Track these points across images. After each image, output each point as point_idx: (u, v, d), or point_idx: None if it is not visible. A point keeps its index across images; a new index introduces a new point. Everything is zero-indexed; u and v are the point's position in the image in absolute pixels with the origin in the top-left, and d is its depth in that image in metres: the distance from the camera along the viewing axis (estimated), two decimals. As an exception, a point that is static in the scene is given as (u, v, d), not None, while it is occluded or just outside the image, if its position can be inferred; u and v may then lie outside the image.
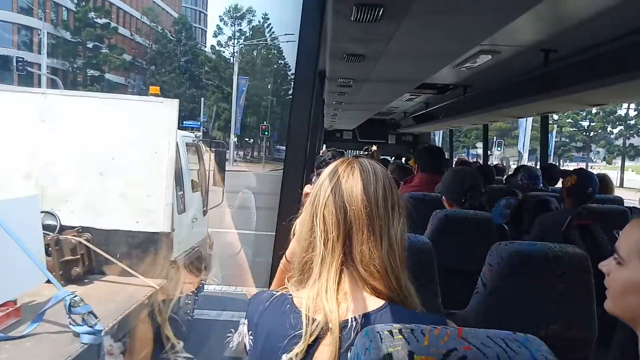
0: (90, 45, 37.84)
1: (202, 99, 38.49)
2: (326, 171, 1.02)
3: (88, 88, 35.27)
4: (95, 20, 37.81)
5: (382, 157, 7.98)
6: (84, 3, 37.97)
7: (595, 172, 3.52)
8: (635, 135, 38.99)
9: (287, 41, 39.32)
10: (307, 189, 1.83)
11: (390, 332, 0.69)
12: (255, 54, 44.64)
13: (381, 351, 0.66)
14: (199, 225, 5.97)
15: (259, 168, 33.38)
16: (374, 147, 8.32)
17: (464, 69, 3.81)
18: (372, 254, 0.93)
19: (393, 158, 8.81)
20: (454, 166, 6.08)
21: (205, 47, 48.85)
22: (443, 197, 2.49)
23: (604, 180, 3.69)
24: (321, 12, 1.55)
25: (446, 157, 6.15)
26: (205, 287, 6.43)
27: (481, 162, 7.39)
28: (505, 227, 2.50)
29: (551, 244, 1.46)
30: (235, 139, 37.29)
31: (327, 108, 6.21)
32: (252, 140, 46.78)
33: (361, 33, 2.33)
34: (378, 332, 0.69)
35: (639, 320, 0.92)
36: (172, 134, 4.72)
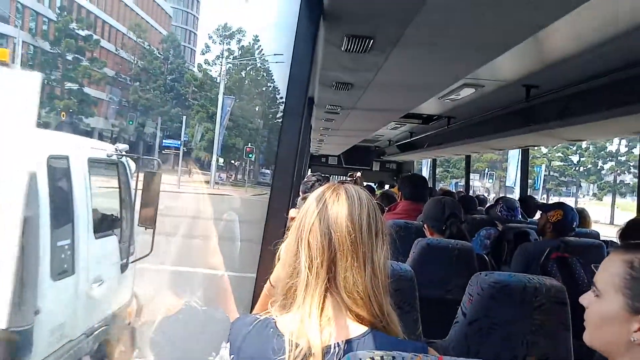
0: (69, 57, 36.03)
1: (185, 117, 37.20)
2: (312, 196, 1.03)
3: (64, 102, 34.48)
4: (77, 31, 36.16)
5: (365, 183, 8.04)
6: (65, 13, 36.12)
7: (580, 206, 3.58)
8: (626, 172, 38.51)
9: (277, 62, 38.90)
10: (292, 212, 1.84)
11: (372, 358, 0.70)
12: (243, 74, 43.69)
13: None
14: (110, 290, 3.76)
15: (241, 192, 32.60)
16: (358, 174, 8.39)
17: (448, 100, 3.90)
18: (356, 280, 0.94)
19: (377, 184, 8.89)
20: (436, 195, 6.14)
21: (194, 66, 47.89)
22: (424, 225, 2.52)
23: (582, 214, 3.77)
24: (313, 41, 1.60)
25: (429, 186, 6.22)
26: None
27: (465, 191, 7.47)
28: (485, 257, 2.53)
29: (530, 276, 1.49)
30: (217, 161, 35.97)
31: (314, 133, 6.26)
32: (236, 162, 45.43)
33: (351, 63, 2.38)
34: (360, 359, 0.70)
35: (614, 353, 0.93)
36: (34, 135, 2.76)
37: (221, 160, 38.38)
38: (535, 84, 3.11)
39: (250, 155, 35.00)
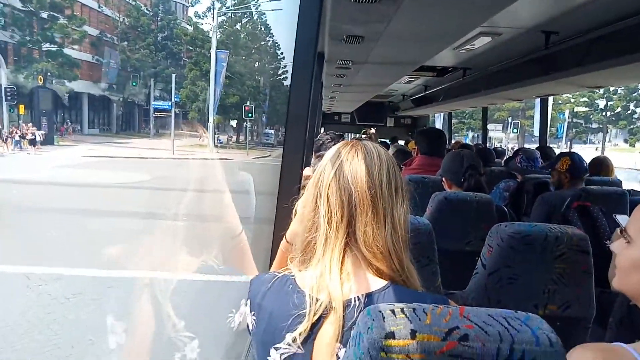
0: (44, 15, 31.97)
1: (174, 75, 32.93)
2: (330, 152, 1.02)
3: (42, 64, 31.37)
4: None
5: (380, 140, 7.96)
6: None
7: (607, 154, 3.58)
8: None
9: (274, 9, 36.54)
10: (307, 171, 1.83)
11: (393, 311, 0.69)
12: (238, 27, 40.12)
13: (384, 330, 0.67)
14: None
15: (242, 155, 30.88)
16: (372, 130, 8.30)
17: (463, 51, 3.78)
18: (376, 235, 0.94)
19: (390, 141, 8.80)
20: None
21: (186, 22, 43.97)
22: (443, 178, 2.50)
23: (604, 162, 3.69)
24: (321, -7, 1.53)
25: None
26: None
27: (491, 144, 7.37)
28: (505, 209, 2.51)
29: (551, 225, 1.47)
30: (214, 122, 33.40)
31: (326, 90, 6.17)
32: (236, 123, 42.33)
33: (361, 14, 2.30)
34: (380, 311, 0.70)
35: None
36: None
37: (220, 120, 36.24)
38: (555, 30, 2.99)
39: (249, 115, 31.72)
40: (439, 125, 11.14)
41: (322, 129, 8.86)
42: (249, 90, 38.66)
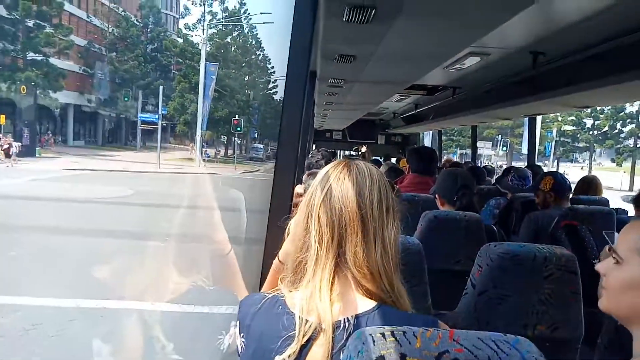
0: (30, 23, 31.08)
1: (161, 87, 32.45)
2: (323, 172, 1.03)
3: (26, 74, 29.98)
4: (36, -6, 29.67)
5: (372, 158, 7.99)
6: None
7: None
8: None
9: (265, 22, 35.88)
10: (298, 189, 1.83)
11: (383, 334, 0.69)
12: (229, 40, 39.66)
13: (373, 353, 0.67)
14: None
15: (230, 170, 29.97)
16: (364, 148, 8.33)
17: (453, 70, 3.83)
18: (366, 255, 0.94)
19: (383, 158, 8.84)
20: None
21: (176, 34, 43.87)
22: (436, 195, 2.52)
23: (593, 182, 3.74)
24: (314, 13, 1.55)
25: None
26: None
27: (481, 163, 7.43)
28: (494, 228, 2.52)
29: (539, 245, 1.48)
30: (203, 136, 32.36)
31: (318, 108, 6.20)
32: (225, 137, 41.15)
33: (353, 34, 2.33)
34: (370, 335, 0.70)
35: (635, 318, 0.95)
36: None
37: (210, 134, 35.34)
38: (543, 50, 3.05)
39: (238, 129, 31.27)
40: (427, 142, 11.22)
41: (314, 146, 8.89)
42: (239, 104, 38.35)
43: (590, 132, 38.57)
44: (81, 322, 5.04)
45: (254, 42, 42.60)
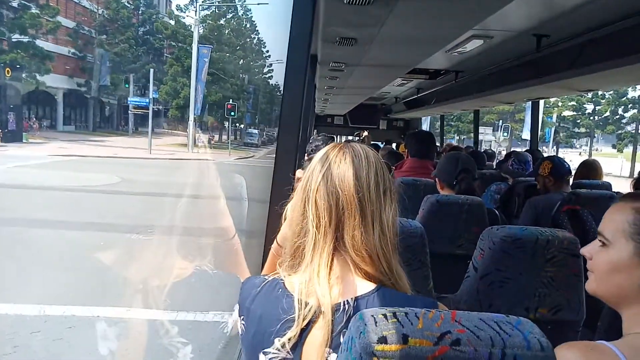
0: (14, 3, 29.49)
1: (152, 70, 30.76)
2: (318, 156, 1.02)
3: (11, 56, 28.66)
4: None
5: (372, 142, 7.97)
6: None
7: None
8: None
9: (259, 3, 34.76)
10: (298, 173, 1.83)
11: (385, 315, 0.69)
12: (223, 22, 37.84)
13: (375, 334, 0.66)
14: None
15: (224, 155, 28.68)
16: (365, 133, 8.31)
17: (455, 53, 3.80)
18: (364, 239, 0.93)
19: (383, 143, 8.82)
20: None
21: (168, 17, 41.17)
22: (436, 179, 2.51)
23: (594, 166, 3.73)
24: (314, -5, 1.53)
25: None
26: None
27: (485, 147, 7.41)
28: (496, 211, 2.52)
29: (541, 229, 1.48)
30: (195, 121, 30.86)
31: (319, 92, 6.17)
32: (218, 122, 40.08)
33: (354, 16, 2.31)
34: (372, 316, 0.70)
35: (623, 300, 0.95)
36: None
37: (206, 120, 34.24)
38: (546, 33, 3.02)
39: (232, 113, 29.73)
40: (425, 128, 11.18)
41: (315, 131, 8.87)
42: (233, 88, 37.00)
43: (591, 118, 37.89)
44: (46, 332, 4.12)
45: (248, 25, 41.33)
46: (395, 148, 7.59)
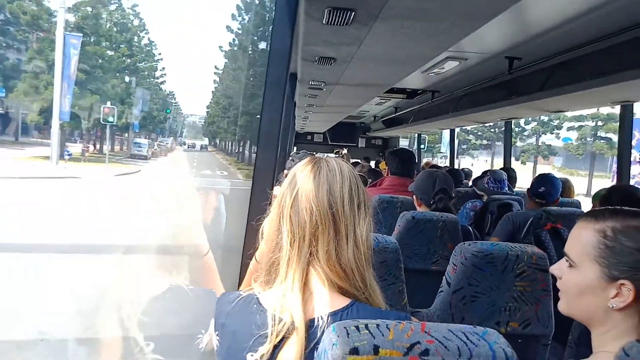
0: None
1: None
2: (293, 171, 1.02)
3: None
4: None
5: (352, 160, 8.03)
6: None
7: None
8: (549, 132, 34.87)
9: None
10: (276, 190, 1.84)
11: (357, 327, 0.71)
12: (103, 11, 30.90)
13: (347, 346, 0.68)
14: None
15: (101, 169, 23.52)
16: (345, 150, 8.38)
17: (432, 74, 3.89)
18: (338, 253, 0.94)
19: (363, 160, 8.89)
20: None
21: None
22: (414, 195, 2.54)
23: (566, 185, 3.84)
24: (293, 15, 1.57)
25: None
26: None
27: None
28: (469, 228, 2.57)
29: (512, 244, 1.52)
30: (61, 127, 24.24)
31: (299, 110, 6.22)
32: (97, 129, 31.33)
33: (333, 36, 2.35)
34: (345, 328, 0.71)
35: (593, 320, 0.96)
36: None
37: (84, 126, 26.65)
38: (518, 55, 3.12)
39: (110, 119, 24.59)
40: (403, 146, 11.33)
41: (295, 148, 8.90)
42: (115, 90, 29.88)
43: (492, 130, 37.15)
44: None
45: (136, 23, 34.20)
46: (374, 166, 7.67)
